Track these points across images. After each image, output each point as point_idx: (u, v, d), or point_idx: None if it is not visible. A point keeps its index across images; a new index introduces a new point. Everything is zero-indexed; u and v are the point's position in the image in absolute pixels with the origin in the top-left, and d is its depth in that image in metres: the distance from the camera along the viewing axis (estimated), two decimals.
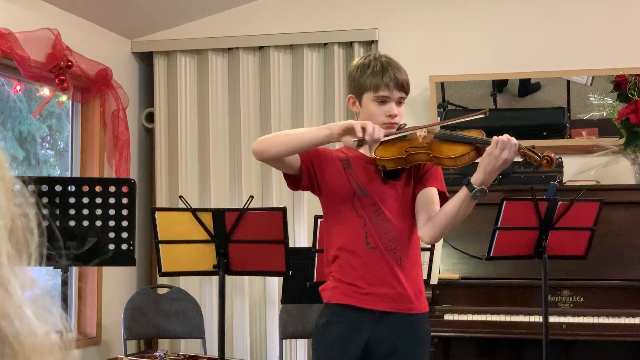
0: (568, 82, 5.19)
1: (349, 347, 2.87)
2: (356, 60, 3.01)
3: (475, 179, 2.76)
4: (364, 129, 2.65)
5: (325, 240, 3.00)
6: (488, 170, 2.74)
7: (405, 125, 2.94)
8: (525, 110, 5.28)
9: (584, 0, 5.25)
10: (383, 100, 2.85)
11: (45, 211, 3.26)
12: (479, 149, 2.82)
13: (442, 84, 5.34)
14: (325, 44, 5.61)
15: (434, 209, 2.88)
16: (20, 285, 0.74)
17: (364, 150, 2.91)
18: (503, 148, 2.73)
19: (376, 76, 2.85)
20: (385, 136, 2.74)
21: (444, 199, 2.94)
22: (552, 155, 2.79)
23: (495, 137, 2.75)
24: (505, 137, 2.74)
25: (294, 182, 2.92)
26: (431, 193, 2.91)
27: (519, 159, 2.96)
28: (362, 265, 2.85)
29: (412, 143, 2.85)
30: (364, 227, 2.86)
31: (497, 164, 2.73)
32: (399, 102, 2.89)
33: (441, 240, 4.00)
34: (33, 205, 0.78)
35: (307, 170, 2.87)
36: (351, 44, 5.57)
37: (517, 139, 5.14)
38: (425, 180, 2.92)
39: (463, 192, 2.78)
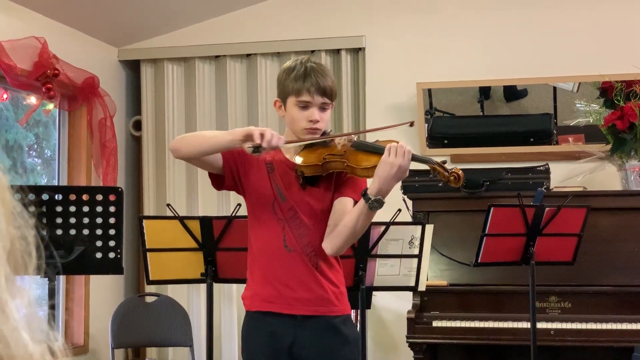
0: (554, 88, 5.21)
1: (274, 352, 2.85)
2: (286, 63, 2.96)
3: (372, 189, 2.68)
4: (262, 136, 2.61)
5: (248, 243, 2.95)
6: (383, 178, 2.65)
7: (331, 131, 2.90)
8: (512, 116, 5.29)
9: (570, 7, 5.27)
10: (305, 105, 2.81)
11: (32, 220, 3.25)
12: None
13: (429, 90, 5.35)
14: (313, 51, 5.61)
15: (339, 219, 2.82)
16: (17, 306, 0.74)
17: (288, 155, 2.90)
18: (396, 155, 2.64)
19: (298, 81, 2.81)
20: (286, 143, 2.73)
21: None
22: (460, 172, 2.69)
23: (388, 144, 2.68)
24: (399, 144, 2.67)
25: (218, 181, 2.89)
26: (344, 203, 2.84)
27: (417, 168, 2.88)
28: (281, 268, 2.83)
29: (331, 150, 2.82)
30: (282, 231, 2.84)
31: (392, 172, 2.64)
32: (323, 108, 2.83)
33: (429, 247, 3.99)
34: (32, 227, 0.78)
35: (229, 170, 2.84)
36: (338, 51, 5.58)
37: (505, 145, 5.20)
38: (342, 189, 2.86)
39: (360, 203, 2.72)
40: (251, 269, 2.91)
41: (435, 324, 4.49)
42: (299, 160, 2.82)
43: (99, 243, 3.46)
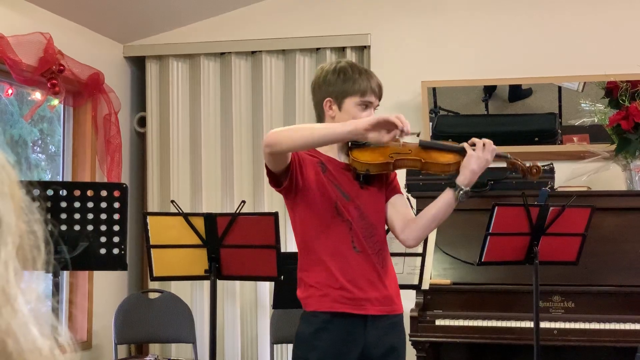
0: (559, 88, 5.21)
1: (345, 354, 2.87)
2: (326, 65, 3.01)
3: (461, 180, 2.86)
4: (400, 120, 2.67)
5: (302, 245, 2.96)
6: (471, 171, 2.85)
7: None
8: (517, 116, 5.29)
9: (576, 7, 5.27)
10: (366, 106, 2.91)
11: (40, 215, 3.26)
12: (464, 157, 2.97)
13: (434, 89, 5.35)
14: (318, 49, 5.61)
15: (409, 213, 2.99)
16: (27, 301, 0.74)
17: (332, 154, 2.94)
18: (483, 149, 2.86)
19: (363, 81, 2.90)
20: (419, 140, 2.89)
21: None
22: (539, 165, 3.03)
23: (477, 140, 2.89)
24: (484, 140, 2.89)
25: (277, 180, 2.86)
26: (403, 199, 3.04)
27: (496, 164, 3.14)
28: (350, 270, 2.87)
29: (394, 150, 2.91)
30: (350, 232, 2.88)
31: (481, 165, 2.85)
32: (375, 108, 2.96)
33: (433, 246, 3.99)
34: (41, 222, 0.78)
35: (294, 168, 2.83)
36: (343, 49, 5.57)
37: (509, 144, 5.21)
38: (393, 187, 3.02)
39: (447, 194, 2.89)
40: (314, 270, 2.91)
41: (439, 322, 4.49)
42: (362, 158, 2.88)
43: (103, 239, 3.47)
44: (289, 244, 5.46)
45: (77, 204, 3.43)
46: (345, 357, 2.87)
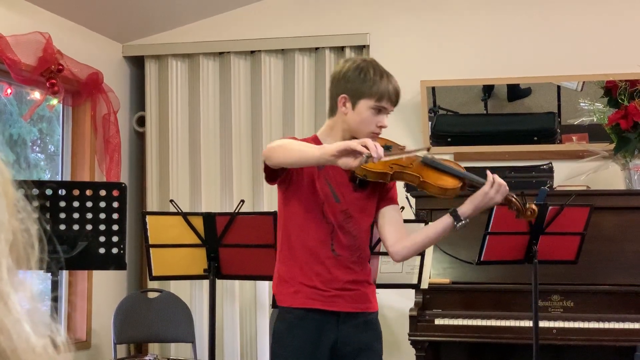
0: (559, 87, 5.21)
1: (316, 350, 2.89)
2: (350, 60, 2.96)
3: (464, 211, 2.84)
4: (365, 148, 2.56)
5: (283, 238, 2.95)
6: (478, 208, 2.86)
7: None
8: (516, 115, 5.29)
9: (575, 7, 5.27)
10: (380, 110, 2.86)
11: (35, 214, 3.25)
12: (465, 185, 2.92)
13: (433, 88, 5.34)
14: (317, 48, 5.61)
15: (403, 228, 2.98)
16: (20, 299, 0.74)
17: None
18: (497, 191, 2.83)
19: (382, 85, 2.84)
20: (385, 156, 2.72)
21: None
22: (535, 207, 2.98)
23: (491, 178, 2.84)
24: (501, 181, 2.85)
25: (273, 175, 2.87)
26: (398, 211, 3.02)
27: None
28: (325, 271, 2.89)
29: (395, 160, 2.88)
30: (331, 235, 2.89)
31: (489, 203, 2.87)
32: (387, 115, 2.93)
33: (432, 246, 3.99)
34: (35, 220, 0.78)
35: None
36: (342, 48, 5.57)
37: (508, 143, 5.20)
38: (390, 197, 3.00)
39: (447, 220, 2.86)
40: (290, 265, 2.93)
41: (438, 321, 4.49)
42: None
43: (102, 238, 3.47)
44: None
45: (76, 204, 3.43)
46: (316, 353, 2.89)
